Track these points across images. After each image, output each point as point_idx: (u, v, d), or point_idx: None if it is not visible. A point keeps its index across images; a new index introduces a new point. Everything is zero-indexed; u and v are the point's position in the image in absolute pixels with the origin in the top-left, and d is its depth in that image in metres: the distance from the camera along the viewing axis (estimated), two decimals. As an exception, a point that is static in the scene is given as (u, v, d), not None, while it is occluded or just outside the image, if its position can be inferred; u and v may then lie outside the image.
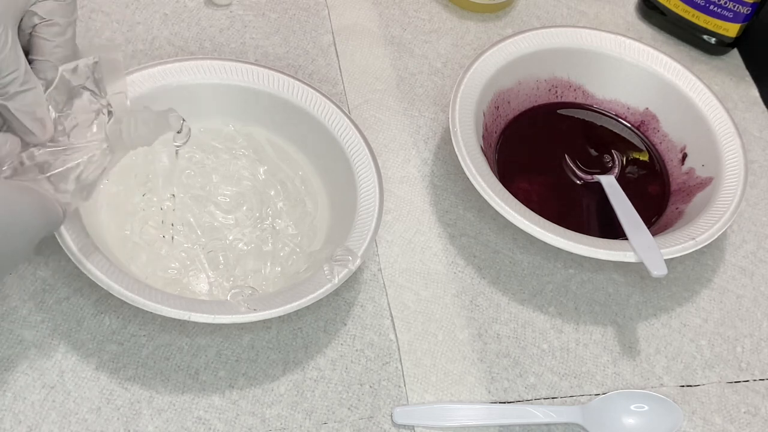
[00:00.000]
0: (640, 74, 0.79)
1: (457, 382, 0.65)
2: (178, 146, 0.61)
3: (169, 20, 0.80)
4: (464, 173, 0.69)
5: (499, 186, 0.69)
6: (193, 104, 0.70)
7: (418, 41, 0.83)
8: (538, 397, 0.65)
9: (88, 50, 0.58)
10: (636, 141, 0.79)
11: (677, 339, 0.69)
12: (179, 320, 0.62)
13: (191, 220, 0.66)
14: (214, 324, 0.62)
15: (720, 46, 0.87)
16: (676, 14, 0.87)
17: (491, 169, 0.70)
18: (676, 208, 0.74)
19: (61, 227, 0.60)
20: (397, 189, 0.73)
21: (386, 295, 0.68)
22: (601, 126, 0.79)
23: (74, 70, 0.57)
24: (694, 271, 0.73)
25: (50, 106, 0.56)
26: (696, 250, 0.68)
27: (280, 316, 0.61)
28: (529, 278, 0.70)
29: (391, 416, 0.62)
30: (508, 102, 0.77)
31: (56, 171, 0.56)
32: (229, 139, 0.71)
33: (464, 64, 0.81)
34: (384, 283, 0.68)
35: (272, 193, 0.69)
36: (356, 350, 0.65)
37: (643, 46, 0.79)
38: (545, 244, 0.67)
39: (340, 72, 0.79)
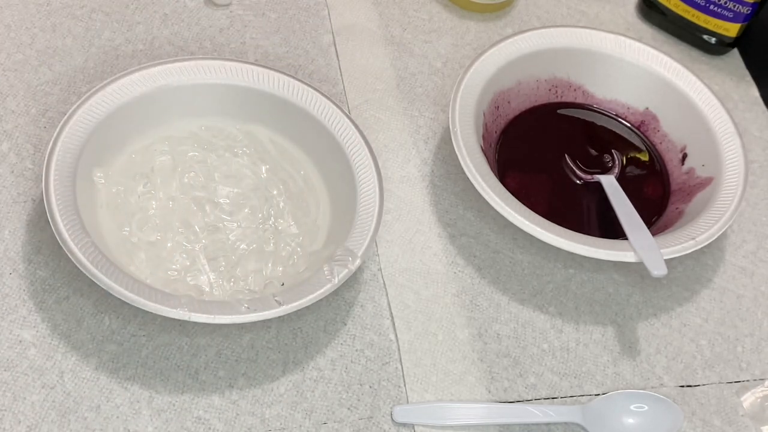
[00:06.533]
0: (640, 74, 0.78)
1: (457, 382, 0.65)
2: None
3: (169, 20, 0.80)
4: (464, 173, 0.69)
5: (499, 186, 0.69)
6: (193, 104, 0.70)
7: (418, 41, 0.83)
8: (538, 397, 0.65)
9: None
10: (636, 141, 0.79)
11: (677, 339, 0.69)
12: (179, 320, 0.62)
13: (191, 221, 0.66)
14: (214, 324, 0.62)
15: (720, 46, 0.87)
16: (676, 14, 0.87)
17: (491, 169, 0.70)
18: (676, 208, 0.74)
19: (60, 227, 0.60)
20: (397, 189, 0.73)
21: (386, 294, 0.68)
22: (601, 126, 0.79)
23: None
24: (694, 271, 0.73)
25: None
26: (696, 250, 0.68)
27: (280, 316, 0.61)
28: (529, 278, 0.70)
29: (391, 415, 0.62)
30: (509, 102, 0.77)
31: None
32: (231, 137, 0.71)
33: (464, 64, 0.81)
34: (384, 283, 0.68)
35: (275, 192, 0.69)
36: (356, 350, 0.65)
37: (643, 46, 0.79)
38: (545, 244, 0.67)
39: (340, 72, 0.79)
